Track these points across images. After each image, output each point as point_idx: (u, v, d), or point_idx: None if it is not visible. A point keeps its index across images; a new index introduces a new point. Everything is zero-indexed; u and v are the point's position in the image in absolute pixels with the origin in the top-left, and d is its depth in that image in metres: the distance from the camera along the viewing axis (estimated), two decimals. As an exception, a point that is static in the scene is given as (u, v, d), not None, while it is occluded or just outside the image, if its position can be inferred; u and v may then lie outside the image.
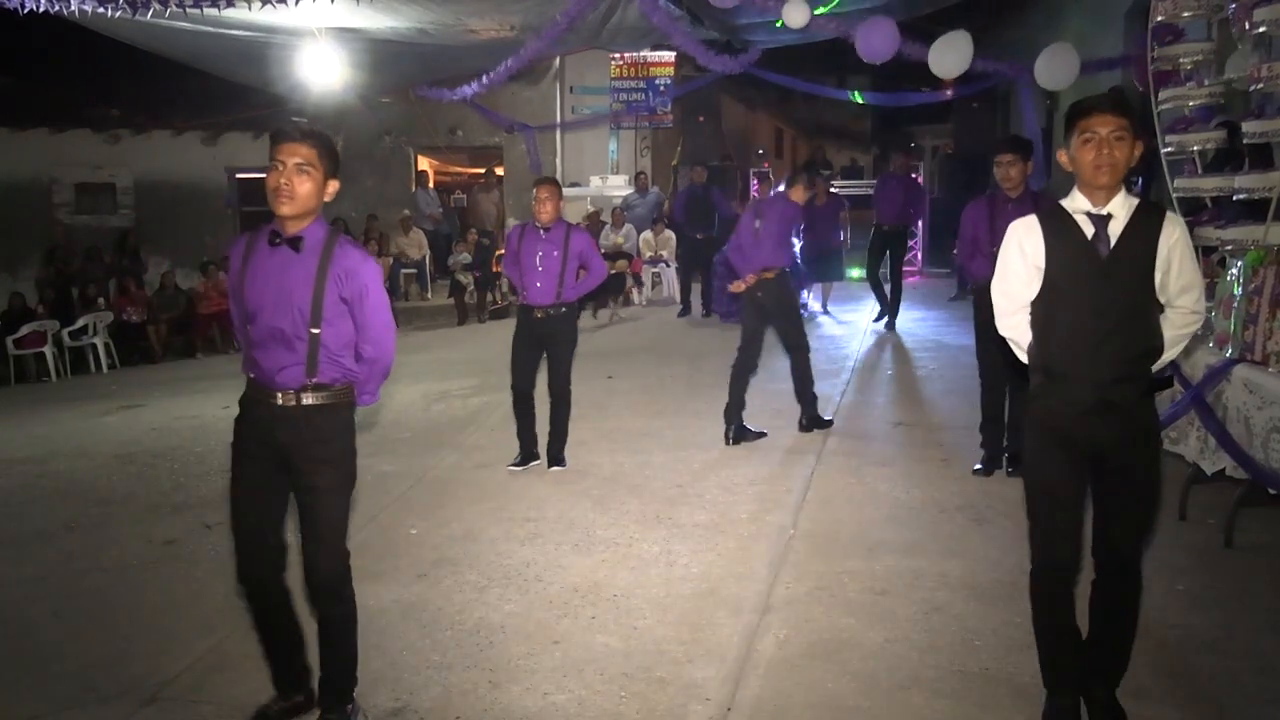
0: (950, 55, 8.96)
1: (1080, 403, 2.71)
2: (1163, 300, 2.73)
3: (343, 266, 2.88)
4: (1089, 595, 2.88)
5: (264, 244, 2.90)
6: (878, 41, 8.82)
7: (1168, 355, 2.79)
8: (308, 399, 2.90)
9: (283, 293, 2.86)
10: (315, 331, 2.87)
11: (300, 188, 2.81)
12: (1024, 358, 2.91)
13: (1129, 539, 2.78)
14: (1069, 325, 2.73)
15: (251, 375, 2.97)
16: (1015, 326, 2.89)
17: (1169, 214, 2.73)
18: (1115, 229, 2.68)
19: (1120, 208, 2.69)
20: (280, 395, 2.90)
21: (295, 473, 2.93)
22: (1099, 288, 2.68)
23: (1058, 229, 2.74)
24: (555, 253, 5.51)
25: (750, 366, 6.18)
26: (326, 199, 2.90)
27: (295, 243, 2.86)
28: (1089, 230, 2.69)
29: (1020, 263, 2.80)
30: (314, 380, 2.90)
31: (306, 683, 3.16)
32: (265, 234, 2.90)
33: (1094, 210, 2.69)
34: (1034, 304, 2.81)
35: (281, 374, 2.89)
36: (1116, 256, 2.67)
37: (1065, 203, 2.77)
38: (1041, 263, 2.75)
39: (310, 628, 3.08)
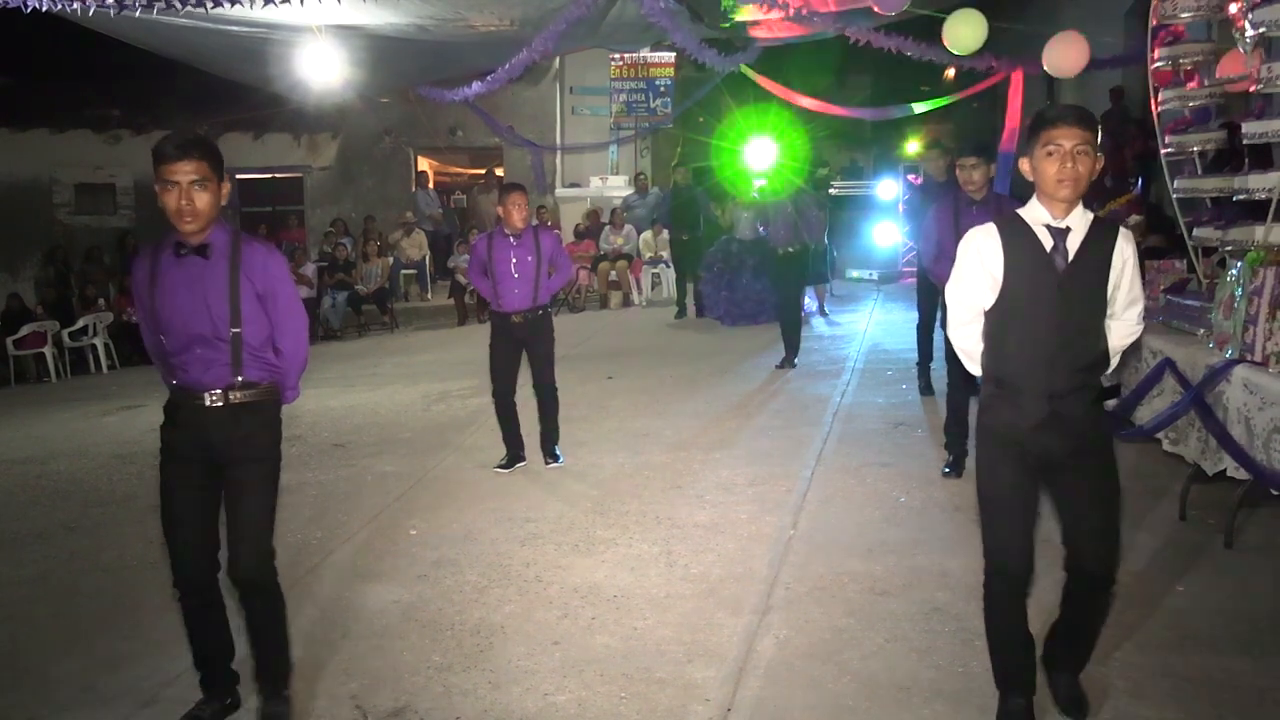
0: (965, 27, 8.87)
1: (1033, 414, 2.71)
2: (1109, 313, 2.76)
3: (252, 263, 2.96)
4: (1061, 587, 2.91)
5: (169, 255, 2.95)
6: None
7: (1112, 364, 2.82)
8: (235, 397, 2.97)
9: (199, 299, 2.91)
10: (236, 331, 2.93)
11: (200, 203, 2.85)
12: (974, 369, 2.91)
13: (1097, 549, 2.79)
14: (1024, 337, 2.73)
15: (175, 382, 3.03)
16: (969, 336, 2.88)
17: (1122, 230, 2.75)
18: (1074, 242, 2.68)
19: (1078, 221, 2.69)
20: (208, 396, 2.96)
21: (224, 472, 2.99)
22: (1056, 300, 2.68)
23: (1016, 239, 2.73)
24: (529, 258, 5.55)
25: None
26: (223, 203, 2.95)
27: (203, 250, 2.92)
28: (1048, 242, 2.70)
29: (979, 270, 2.79)
30: (240, 379, 2.96)
31: (234, 686, 3.22)
32: (169, 246, 2.95)
33: (1053, 223, 2.69)
34: (988, 314, 2.81)
35: (208, 374, 2.95)
36: (1073, 270, 2.68)
37: (1023, 212, 2.76)
38: (999, 272, 2.75)
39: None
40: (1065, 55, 8.87)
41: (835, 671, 3.31)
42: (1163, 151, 6.30)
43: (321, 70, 10.13)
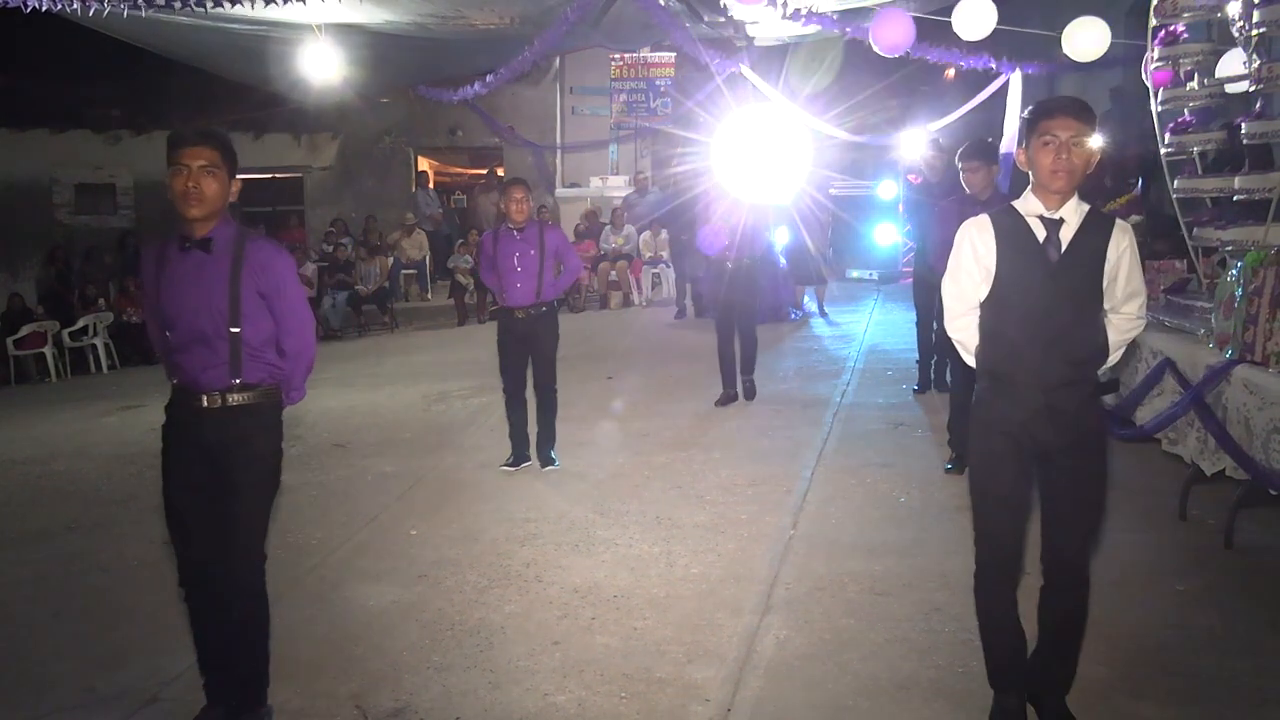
0: (974, 18, 8.93)
1: (1028, 406, 2.71)
2: (1108, 306, 2.74)
3: (256, 261, 2.92)
4: (1036, 602, 2.88)
5: (175, 250, 2.92)
6: (893, 34, 8.74)
7: (1112, 359, 2.80)
8: (233, 399, 2.93)
9: (200, 295, 2.89)
10: (235, 330, 2.90)
11: (208, 189, 2.84)
12: (970, 360, 2.90)
13: (1075, 543, 2.78)
14: (1017, 328, 2.73)
15: (175, 381, 3.01)
16: (964, 329, 2.88)
17: (1118, 222, 2.73)
18: (1066, 234, 2.68)
19: (1072, 213, 2.69)
20: (205, 397, 2.93)
21: (220, 472, 2.95)
22: (1048, 291, 2.68)
23: (1009, 230, 2.74)
24: (532, 252, 5.56)
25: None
26: (231, 199, 2.94)
27: (205, 244, 2.90)
28: (1040, 234, 2.69)
29: (973, 262, 2.79)
30: (239, 380, 2.93)
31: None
32: (175, 240, 2.93)
33: (1047, 214, 2.69)
34: (983, 306, 2.81)
35: (205, 375, 2.92)
36: (1067, 261, 2.67)
37: (1018, 204, 2.76)
38: (992, 264, 2.75)
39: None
40: (1085, 39, 8.95)
41: (835, 671, 3.31)
42: (1163, 151, 6.31)
43: (321, 70, 10.13)
